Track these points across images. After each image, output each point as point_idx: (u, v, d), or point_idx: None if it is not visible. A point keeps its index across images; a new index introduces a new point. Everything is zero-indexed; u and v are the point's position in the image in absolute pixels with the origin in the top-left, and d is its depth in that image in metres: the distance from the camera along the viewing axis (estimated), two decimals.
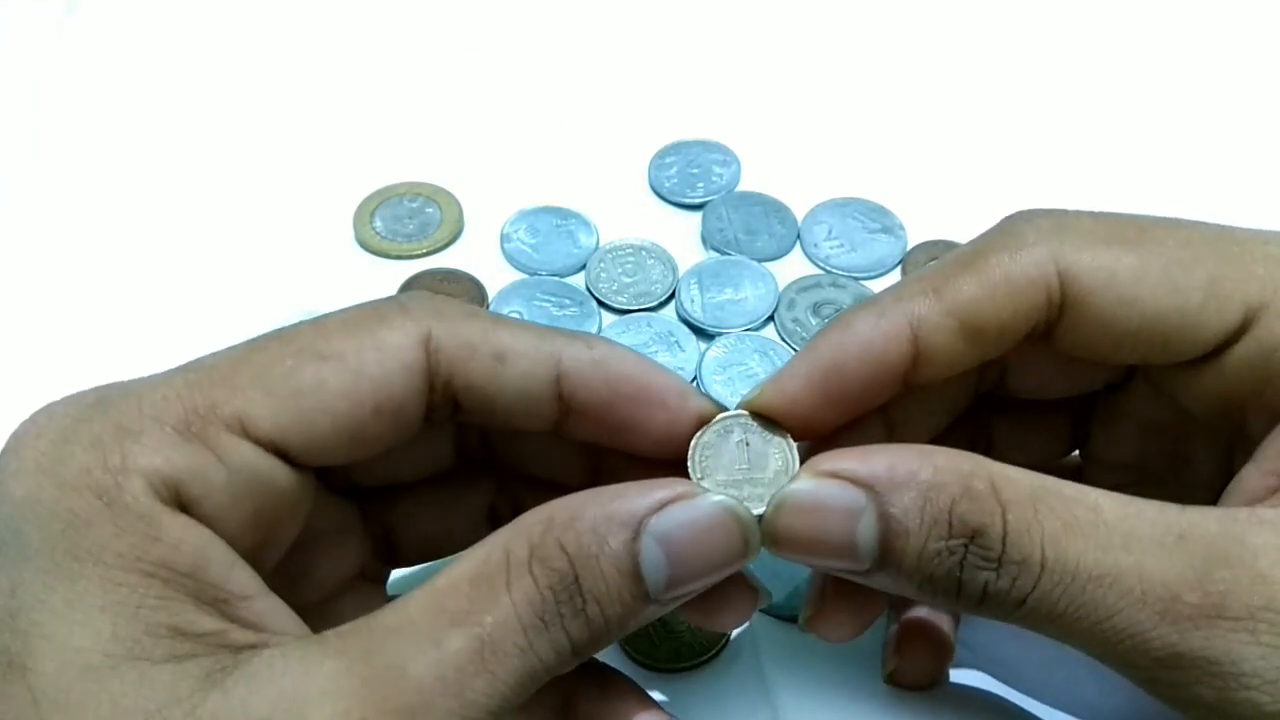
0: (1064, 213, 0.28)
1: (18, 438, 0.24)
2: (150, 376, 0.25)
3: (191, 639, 0.23)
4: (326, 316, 0.26)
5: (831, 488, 0.25)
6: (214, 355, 0.26)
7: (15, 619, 0.22)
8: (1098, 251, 0.27)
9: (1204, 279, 0.27)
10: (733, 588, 0.27)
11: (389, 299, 0.27)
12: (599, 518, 0.24)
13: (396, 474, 0.30)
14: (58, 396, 0.25)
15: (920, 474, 0.25)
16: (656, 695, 0.31)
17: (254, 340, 0.26)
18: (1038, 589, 0.24)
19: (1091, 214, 0.28)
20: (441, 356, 0.26)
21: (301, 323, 0.26)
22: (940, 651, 0.32)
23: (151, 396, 0.24)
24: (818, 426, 0.28)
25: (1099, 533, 0.24)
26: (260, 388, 0.25)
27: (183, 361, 0.26)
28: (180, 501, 0.23)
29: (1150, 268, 0.27)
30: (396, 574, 0.32)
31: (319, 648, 0.23)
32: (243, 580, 0.24)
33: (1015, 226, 0.28)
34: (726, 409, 0.28)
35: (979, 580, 0.25)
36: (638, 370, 0.27)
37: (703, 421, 0.28)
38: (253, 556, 0.25)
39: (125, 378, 0.25)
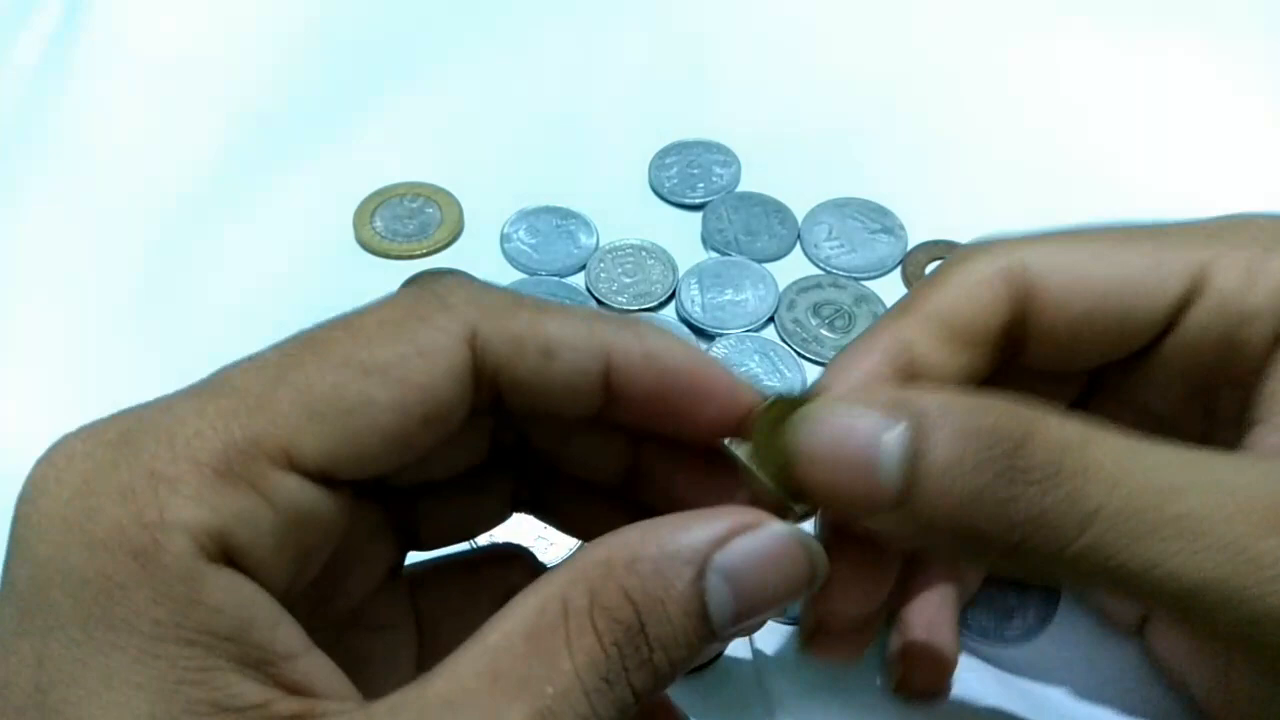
0: (1012, 233, 0.31)
1: (35, 485, 0.22)
2: (173, 401, 0.23)
3: (235, 713, 0.21)
4: (359, 315, 0.24)
5: (859, 406, 0.24)
6: (240, 372, 0.23)
7: (45, 695, 0.20)
8: (1048, 246, 0.29)
9: (1148, 249, 0.29)
10: None
11: (426, 291, 0.25)
12: (661, 557, 0.22)
13: (431, 473, 0.28)
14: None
15: (960, 398, 0.24)
16: None
17: (282, 348, 0.23)
18: (1101, 514, 0.22)
19: (1040, 230, 0.31)
20: (488, 355, 0.24)
21: (331, 324, 0.24)
22: (944, 662, 0.32)
23: (183, 431, 0.22)
24: None
25: (1163, 452, 0.23)
26: (305, 413, 0.22)
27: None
28: (226, 552, 0.22)
29: (1099, 250, 0.29)
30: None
31: None
32: (287, 639, 0.22)
33: (967, 248, 0.30)
34: (772, 396, 0.27)
35: (1027, 499, 0.22)
36: (688, 364, 0.26)
37: (750, 412, 0.26)
38: (291, 590, 0.23)
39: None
